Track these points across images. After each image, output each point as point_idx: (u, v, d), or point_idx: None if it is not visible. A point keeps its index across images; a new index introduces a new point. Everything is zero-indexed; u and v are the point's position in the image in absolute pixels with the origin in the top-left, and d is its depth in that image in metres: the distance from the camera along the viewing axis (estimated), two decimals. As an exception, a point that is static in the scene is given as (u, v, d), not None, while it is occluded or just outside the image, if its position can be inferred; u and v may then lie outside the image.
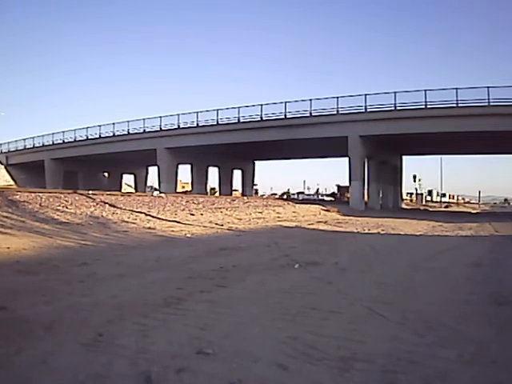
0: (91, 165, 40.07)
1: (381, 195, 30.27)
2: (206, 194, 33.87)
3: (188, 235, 8.57)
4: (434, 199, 62.32)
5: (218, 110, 30.28)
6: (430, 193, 61.48)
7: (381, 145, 27.34)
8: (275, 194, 67.15)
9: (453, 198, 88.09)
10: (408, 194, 56.96)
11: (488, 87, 21.84)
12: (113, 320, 2.76)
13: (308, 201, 27.96)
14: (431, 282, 4.43)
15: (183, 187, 49.13)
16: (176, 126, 31.76)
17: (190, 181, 38.78)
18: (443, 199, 57.41)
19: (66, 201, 11.86)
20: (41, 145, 40.33)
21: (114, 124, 35.15)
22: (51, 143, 39.30)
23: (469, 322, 2.94)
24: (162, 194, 19.52)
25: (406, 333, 2.67)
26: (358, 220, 15.54)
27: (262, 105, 28.37)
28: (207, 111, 30.78)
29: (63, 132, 38.62)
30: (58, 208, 10.60)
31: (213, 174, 38.78)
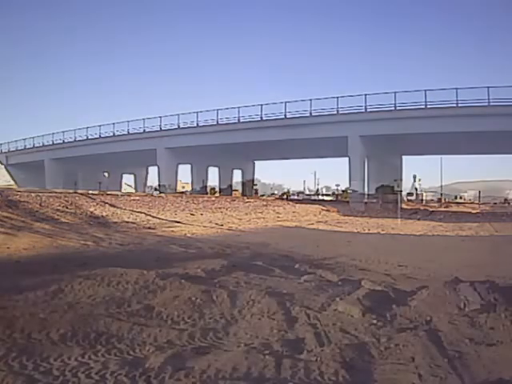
0: (91, 165, 39.96)
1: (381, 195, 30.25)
2: (206, 193, 33.88)
3: (188, 235, 8.58)
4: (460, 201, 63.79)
5: (218, 110, 30.27)
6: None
7: (381, 145, 27.29)
8: (275, 194, 67.07)
9: (464, 200, 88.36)
10: (408, 194, 57.03)
11: (488, 87, 21.87)
12: (113, 319, 2.76)
13: (308, 201, 27.95)
14: (431, 282, 4.43)
15: (183, 187, 49.10)
16: (176, 126, 31.73)
17: (190, 181, 38.77)
18: (458, 200, 58.53)
19: (66, 201, 11.86)
20: (41, 145, 40.28)
21: (113, 124, 35.14)
22: (51, 143, 39.25)
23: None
24: (162, 194, 19.52)
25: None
26: (358, 220, 15.54)
27: (261, 105, 28.33)
28: (207, 111, 30.77)
29: (63, 132, 38.59)
30: (58, 208, 10.60)
31: (213, 174, 38.82)
